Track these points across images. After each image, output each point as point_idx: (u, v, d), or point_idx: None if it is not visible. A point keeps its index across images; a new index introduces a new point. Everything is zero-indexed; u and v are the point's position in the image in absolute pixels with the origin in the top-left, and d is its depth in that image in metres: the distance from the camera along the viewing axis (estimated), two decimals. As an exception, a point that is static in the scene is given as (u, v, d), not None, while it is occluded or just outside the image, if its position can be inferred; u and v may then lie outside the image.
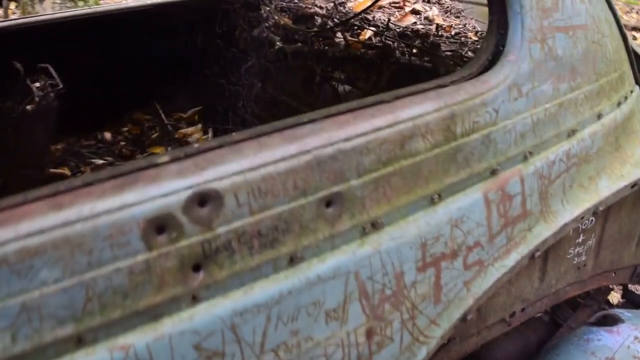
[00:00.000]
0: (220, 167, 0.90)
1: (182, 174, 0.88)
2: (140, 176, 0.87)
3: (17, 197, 0.82)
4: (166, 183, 0.86)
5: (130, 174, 0.88)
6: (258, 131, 0.99)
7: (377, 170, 1.05)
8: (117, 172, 0.88)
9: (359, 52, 2.07)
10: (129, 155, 2.91)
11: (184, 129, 3.09)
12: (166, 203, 0.85)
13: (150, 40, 3.37)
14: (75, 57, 3.20)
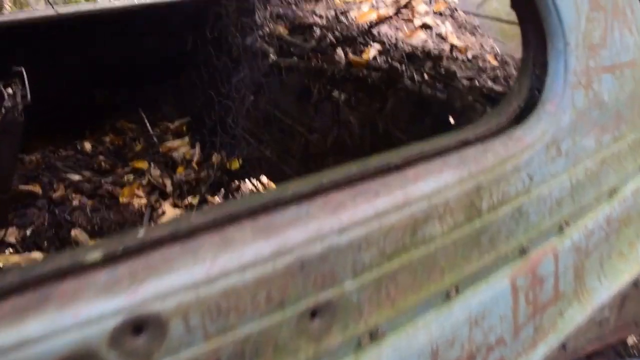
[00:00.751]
0: (164, 279, 0.66)
1: (111, 290, 0.64)
2: (52, 294, 0.63)
3: None
4: (87, 305, 0.62)
5: (40, 286, 0.64)
6: (224, 214, 0.75)
7: (379, 267, 0.81)
8: (20, 284, 0.64)
9: (361, 73, 1.83)
10: (108, 170, 2.67)
11: (170, 141, 2.84)
12: (86, 335, 0.61)
13: (136, 42, 3.12)
14: (55, 58, 2.96)
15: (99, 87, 3.11)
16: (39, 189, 2.37)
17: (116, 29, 3.05)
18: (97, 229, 2.17)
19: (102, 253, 0.69)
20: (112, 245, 0.70)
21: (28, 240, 2.10)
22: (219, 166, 2.54)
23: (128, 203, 2.41)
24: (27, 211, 2.24)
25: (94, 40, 3.01)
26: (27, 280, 0.66)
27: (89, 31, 2.99)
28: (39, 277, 0.66)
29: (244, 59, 2.57)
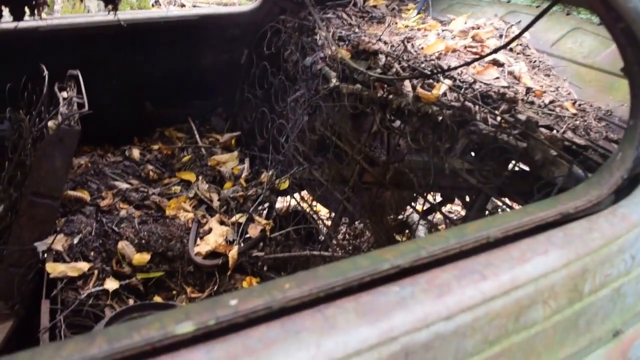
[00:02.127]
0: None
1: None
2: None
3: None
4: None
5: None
6: (321, 287, 0.70)
7: (480, 354, 0.75)
8: None
9: (430, 109, 1.76)
10: (155, 180, 2.65)
11: (219, 155, 2.81)
12: None
13: (190, 53, 3.12)
14: (108, 64, 2.97)
15: (150, 95, 3.11)
16: (87, 196, 2.36)
17: (172, 38, 3.05)
18: (144, 243, 2.14)
19: (194, 326, 0.65)
20: (203, 317, 0.66)
21: (75, 249, 2.08)
22: (267, 185, 2.50)
23: (174, 216, 2.38)
24: (75, 218, 2.22)
25: (149, 48, 3.02)
26: (116, 356, 0.62)
27: (144, 40, 3.00)
28: (131, 352, 0.62)
29: (301, 79, 2.53)
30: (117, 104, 2.92)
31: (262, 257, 2.20)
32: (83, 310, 1.90)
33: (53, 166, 2.04)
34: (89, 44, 2.95)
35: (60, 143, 2.02)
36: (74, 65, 2.59)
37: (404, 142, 2.21)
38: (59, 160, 2.04)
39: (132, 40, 3.01)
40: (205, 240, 2.22)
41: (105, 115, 2.14)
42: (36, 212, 2.07)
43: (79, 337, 0.64)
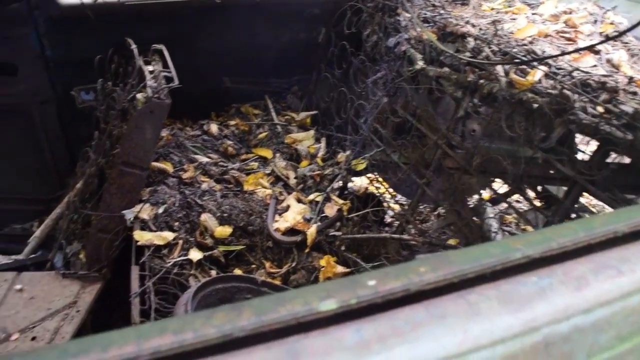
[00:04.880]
0: (415, 347, 0.62)
1: (361, 354, 0.60)
2: (301, 351, 0.60)
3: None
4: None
5: (281, 336, 0.62)
6: (457, 274, 0.70)
7: (612, 349, 0.74)
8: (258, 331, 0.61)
9: (525, 96, 1.72)
10: (233, 155, 2.70)
11: (295, 133, 2.84)
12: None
13: (269, 32, 3.15)
14: (190, 39, 3.03)
15: (228, 71, 3.16)
16: (170, 167, 2.42)
17: (252, 15, 3.08)
18: (225, 216, 2.19)
19: (336, 304, 0.66)
20: (344, 295, 0.67)
21: (160, 219, 2.15)
22: (344, 165, 2.51)
23: (252, 191, 2.42)
24: (159, 189, 2.29)
25: (230, 25, 3.06)
26: (263, 328, 0.64)
27: (226, 16, 3.04)
28: (278, 325, 0.64)
29: (383, 60, 2.51)
30: (197, 78, 2.97)
31: (339, 236, 2.22)
32: (169, 278, 1.97)
33: (143, 137, 2.11)
34: (172, 19, 3.02)
35: (150, 115, 2.09)
36: (157, 39, 2.65)
37: (480, 128, 2.17)
38: (148, 132, 2.11)
39: (214, 16, 3.06)
40: (283, 217, 2.26)
41: (185, 89, 2.19)
42: (125, 181, 2.15)
43: (227, 308, 0.67)
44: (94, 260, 2.22)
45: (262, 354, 0.61)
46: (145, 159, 2.14)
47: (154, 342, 0.63)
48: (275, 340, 0.63)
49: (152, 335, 0.64)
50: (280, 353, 0.61)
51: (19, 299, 2.13)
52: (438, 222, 2.30)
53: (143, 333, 0.65)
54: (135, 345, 0.62)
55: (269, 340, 0.64)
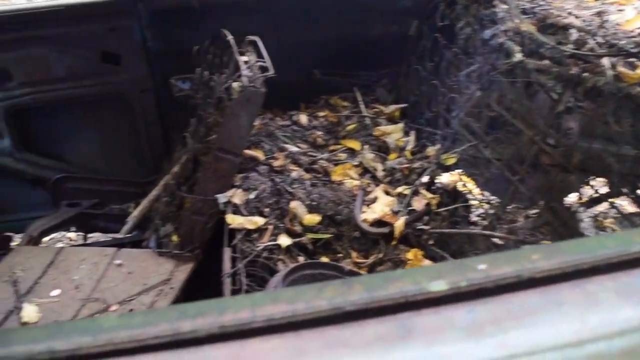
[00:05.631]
0: (530, 332, 0.60)
1: (475, 335, 0.60)
2: (413, 328, 0.60)
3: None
4: (453, 348, 0.59)
5: (390, 313, 0.62)
6: (571, 263, 0.68)
7: None
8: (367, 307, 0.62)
9: (634, 90, 1.64)
10: (322, 145, 2.73)
11: (384, 125, 2.83)
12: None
13: (359, 22, 3.16)
14: (282, 30, 3.08)
15: (318, 63, 3.20)
16: (261, 155, 2.48)
17: (343, 7, 3.10)
18: (314, 204, 2.22)
19: (447, 285, 0.66)
20: (454, 277, 0.67)
21: (251, 204, 2.21)
22: (434, 159, 2.48)
23: (340, 182, 2.44)
24: (251, 175, 2.35)
25: (321, 16, 3.09)
26: (374, 303, 0.65)
27: (318, 7, 3.08)
28: (387, 302, 0.65)
29: (477, 53, 2.45)
30: (287, 70, 3.03)
31: (427, 230, 2.20)
32: (258, 262, 2.02)
33: (238, 125, 2.18)
34: (265, 12, 3.09)
35: (246, 103, 2.15)
36: (250, 31, 2.72)
37: (577, 125, 2.08)
38: (244, 120, 2.17)
39: (306, 8, 3.11)
40: (371, 209, 2.26)
41: (276, 80, 2.23)
42: (220, 167, 2.22)
43: (338, 282, 0.68)
44: (187, 241, 2.32)
45: (375, 327, 0.62)
46: (239, 146, 2.21)
47: (268, 309, 0.65)
48: (386, 315, 0.64)
49: (266, 304, 0.66)
50: (393, 328, 0.61)
51: (118, 273, 2.26)
52: (533, 221, 2.23)
53: (257, 301, 0.67)
54: (250, 312, 0.65)
55: (379, 316, 0.64)
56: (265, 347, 0.61)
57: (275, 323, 0.64)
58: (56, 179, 3.19)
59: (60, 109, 3.19)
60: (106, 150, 3.34)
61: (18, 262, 2.46)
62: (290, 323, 0.64)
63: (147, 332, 0.63)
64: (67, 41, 3.00)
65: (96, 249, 2.46)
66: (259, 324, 0.64)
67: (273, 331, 0.64)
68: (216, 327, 0.63)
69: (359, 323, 0.63)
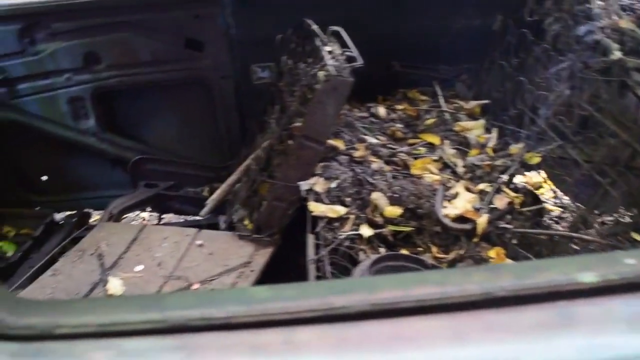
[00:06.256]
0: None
1: (636, 327, 0.58)
2: (576, 317, 0.59)
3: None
4: (614, 338, 0.58)
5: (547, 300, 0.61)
6: None
7: None
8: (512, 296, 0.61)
9: None
10: (401, 138, 2.71)
11: (465, 121, 2.79)
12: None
13: (442, 15, 3.12)
14: (363, 21, 3.07)
15: (397, 55, 3.18)
16: (342, 145, 2.49)
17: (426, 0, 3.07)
18: (395, 197, 2.21)
19: (596, 277, 0.65)
20: (604, 270, 0.66)
21: (332, 193, 2.22)
22: (517, 157, 2.43)
23: (419, 176, 2.42)
24: (331, 165, 2.37)
25: (404, 8, 3.07)
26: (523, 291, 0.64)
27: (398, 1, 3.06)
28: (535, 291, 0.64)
29: (570, 49, 2.38)
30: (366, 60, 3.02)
31: (511, 229, 2.15)
32: (339, 250, 2.03)
33: (324, 113, 2.19)
34: (347, 3, 3.09)
35: (334, 92, 2.16)
36: (331, 22, 2.71)
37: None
38: (330, 108, 2.18)
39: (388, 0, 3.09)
40: (453, 204, 2.23)
41: (355, 71, 2.23)
42: (303, 154, 2.24)
43: (486, 268, 0.68)
44: (266, 225, 2.35)
45: (533, 314, 0.61)
46: (324, 134, 2.23)
47: (417, 290, 0.65)
48: (541, 303, 0.63)
49: (414, 285, 0.67)
50: (553, 316, 0.60)
51: (200, 253, 2.31)
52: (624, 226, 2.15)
53: (405, 282, 0.68)
54: (400, 292, 0.65)
55: (533, 303, 0.63)
56: (420, 327, 0.62)
57: (426, 304, 0.64)
58: (136, 160, 3.30)
59: (142, 92, 3.29)
60: (184, 134, 3.43)
61: (102, 237, 2.56)
62: (442, 305, 0.64)
63: (300, 305, 0.64)
64: (154, 27, 3.09)
65: (177, 229, 2.53)
66: (410, 304, 0.64)
67: (424, 312, 0.64)
68: (367, 305, 0.64)
69: (514, 309, 0.62)
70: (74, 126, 3.25)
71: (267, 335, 0.61)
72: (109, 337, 0.62)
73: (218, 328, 0.63)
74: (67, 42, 3.08)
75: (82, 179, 3.47)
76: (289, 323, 0.63)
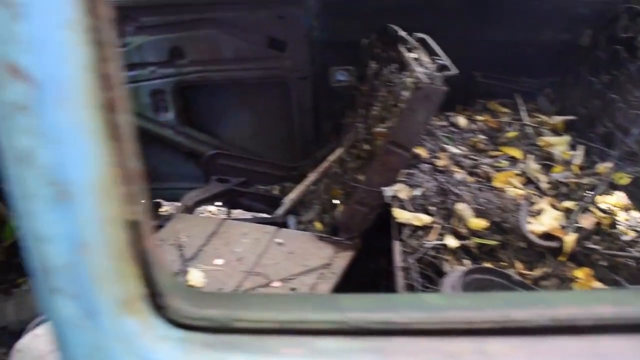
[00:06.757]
0: None
1: None
2: None
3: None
4: None
5: None
6: None
7: None
8: None
9: None
10: (482, 150, 2.68)
11: (548, 136, 2.74)
12: None
13: (528, 27, 3.07)
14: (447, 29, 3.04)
15: (479, 65, 3.14)
16: (425, 153, 2.48)
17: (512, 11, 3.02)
18: (481, 209, 2.19)
19: None
20: None
21: (416, 201, 2.22)
22: (605, 177, 2.37)
23: (502, 189, 2.39)
24: (414, 172, 2.36)
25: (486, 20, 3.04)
26: None
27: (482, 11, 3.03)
28: None
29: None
30: (448, 70, 3.01)
31: (599, 250, 2.10)
32: (423, 259, 2.02)
33: (414, 121, 2.18)
34: (431, 10, 3.07)
35: (425, 100, 2.14)
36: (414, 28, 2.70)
37: None
38: (421, 116, 2.17)
39: (471, 9, 3.07)
40: (538, 220, 2.19)
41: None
42: (389, 160, 2.24)
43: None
44: (346, 229, 2.36)
45: None
46: (412, 141, 2.22)
47: (595, 309, 0.64)
48: None
49: (590, 303, 0.66)
50: None
51: (279, 252, 2.34)
52: None
53: (579, 299, 0.67)
54: (578, 309, 0.64)
55: None
56: (607, 345, 0.61)
57: (605, 323, 0.63)
58: (210, 154, 3.36)
59: (221, 89, 3.36)
60: (258, 132, 3.48)
61: (181, 228, 2.62)
62: (620, 325, 0.63)
63: (480, 316, 0.64)
64: (238, 25, 3.15)
65: (257, 225, 2.56)
66: (588, 321, 0.63)
67: (604, 331, 0.63)
68: (548, 320, 0.63)
69: None
70: (153, 118, 3.33)
71: (456, 343, 0.62)
72: (291, 335, 0.63)
73: (398, 333, 0.63)
74: (153, 36, 3.17)
75: (155, 169, 3.56)
76: (473, 333, 0.63)
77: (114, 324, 0.57)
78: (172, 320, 0.62)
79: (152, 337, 0.59)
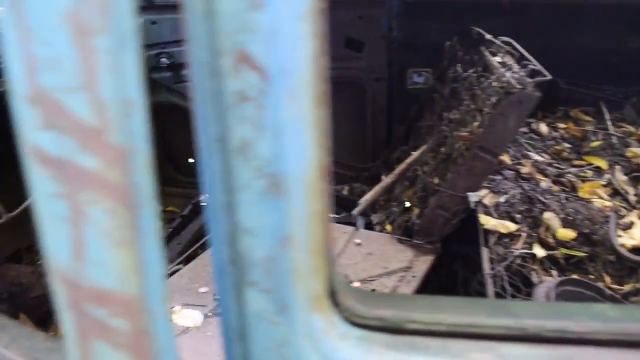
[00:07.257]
0: None
1: None
2: None
3: None
4: None
5: None
6: None
7: None
8: None
9: None
10: (565, 159, 2.62)
11: (634, 147, 2.65)
12: None
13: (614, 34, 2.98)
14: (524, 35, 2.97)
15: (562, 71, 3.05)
16: (507, 159, 2.43)
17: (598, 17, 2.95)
18: (569, 219, 2.13)
19: None
20: None
21: (501, 207, 2.18)
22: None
23: (588, 200, 2.32)
24: (497, 179, 2.32)
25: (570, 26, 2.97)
26: None
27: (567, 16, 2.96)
28: None
29: None
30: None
31: (696, 268, 2.02)
32: (511, 267, 1.98)
33: (505, 126, 2.14)
34: (513, 14, 3.01)
35: (518, 105, 2.10)
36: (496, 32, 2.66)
37: None
38: (511, 122, 2.13)
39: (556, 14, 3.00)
40: (629, 234, 2.12)
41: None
42: (475, 165, 2.21)
43: None
44: (427, 233, 2.34)
45: None
46: (501, 147, 2.18)
47: None
48: None
49: None
50: None
51: (358, 252, 2.34)
52: None
53: None
54: None
55: None
56: None
57: None
58: (282, 151, 3.39)
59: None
60: (334, 131, 3.47)
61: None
62: None
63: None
64: (317, 24, 3.16)
65: (335, 225, 2.57)
66: None
67: None
68: None
69: None
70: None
71: (636, 356, 0.60)
72: (470, 339, 0.62)
73: (575, 342, 0.62)
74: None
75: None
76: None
77: (305, 320, 0.58)
78: (347, 319, 0.62)
79: (335, 335, 0.60)
